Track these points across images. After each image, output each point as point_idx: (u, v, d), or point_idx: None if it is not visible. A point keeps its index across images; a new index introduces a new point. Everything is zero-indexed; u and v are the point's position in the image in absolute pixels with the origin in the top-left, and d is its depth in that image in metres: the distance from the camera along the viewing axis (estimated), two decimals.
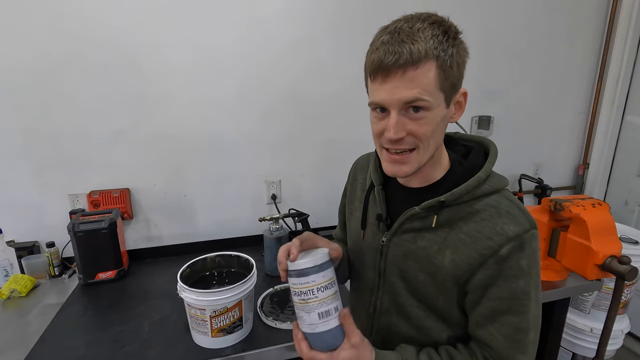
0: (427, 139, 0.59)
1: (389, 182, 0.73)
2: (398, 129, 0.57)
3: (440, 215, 0.63)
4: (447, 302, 0.66)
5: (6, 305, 1.23)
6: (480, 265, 0.60)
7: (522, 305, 0.60)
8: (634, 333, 2.09)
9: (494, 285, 0.60)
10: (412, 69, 0.54)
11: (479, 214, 0.62)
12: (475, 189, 0.62)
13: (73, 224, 1.26)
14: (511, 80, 1.93)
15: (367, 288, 0.77)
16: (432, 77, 0.55)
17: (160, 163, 1.50)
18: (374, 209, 0.74)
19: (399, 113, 0.57)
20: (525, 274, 0.60)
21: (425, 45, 0.53)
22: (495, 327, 0.62)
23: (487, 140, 0.70)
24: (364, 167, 0.82)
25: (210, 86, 1.48)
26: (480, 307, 0.63)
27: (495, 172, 0.66)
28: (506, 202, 0.63)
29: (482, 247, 0.60)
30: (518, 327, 0.61)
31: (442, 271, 0.64)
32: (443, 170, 0.67)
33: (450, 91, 0.58)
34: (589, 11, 1.98)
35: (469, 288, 0.63)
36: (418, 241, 0.66)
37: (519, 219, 0.60)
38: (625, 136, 2.13)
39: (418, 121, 0.57)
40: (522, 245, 0.59)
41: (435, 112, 0.57)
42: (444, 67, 0.55)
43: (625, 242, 1.49)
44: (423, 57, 0.54)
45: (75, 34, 1.30)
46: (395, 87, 0.56)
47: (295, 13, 1.51)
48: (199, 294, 0.91)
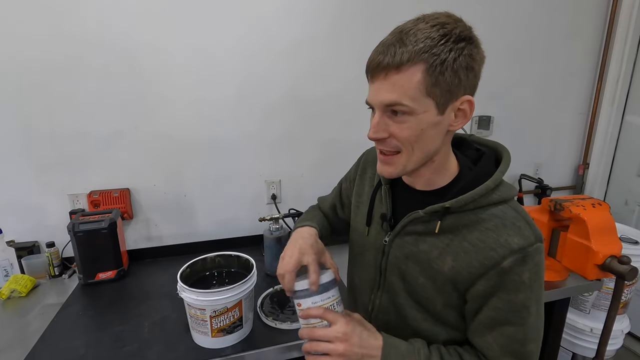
0: (409, 144, 0.58)
1: (396, 182, 0.73)
2: (378, 129, 0.59)
3: (444, 221, 0.63)
4: (445, 306, 0.66)
5: (6, 305, 1.22)
6: (481, 276, 0.60)
7: (520, 317, 0.60)
8: (634, 333, 2.09)
9: (494, 295, 0.60)
10: (394, 72, 0.54)
11: (484, 223, 0.61)
12: (482, 198, 0.61)
13: (73, 224, 1.26)
14: (511, 80, 1.93)
15: (367, 286, 0.77)
16: (415, 82, 0.53)
17: (160, 163, 1.50)
18: (379, 207, 0.74)
19: (383, 114, 0.58)
20: (526, 287, 0.59)
21: (413, 49, 0.52)
22: (493, 337, 0.62)
23: (501, 147, 0.68)
24: (374, 161, 0.80)
25: (210, 86, 1.48)
26: (479, 316, 0.63)
27: (506, 181, 0.65)
28: (513, 214, 0.61)
29: (484, 258, 0.59)
30: (514, 337, 0.61)
31: (441, 276, 0.64)
32: (451, 176, 0.66)
33: (445, 97, 0.55)
34: (589, 11, 1.98)
35: (468, 297, 0.63)
36: (420, 244, 0.66)
37: (525, 231, 0.59)
38: (625, 136, 2.13)
39: (400, 125, 0.57)
40: (525, 258, 0.58)
41: (420, 118, 0.56)
42: (432, 72, 0.53)
43: (625, 242, 1.49)
44: (406, 62, 0.53)
45: (76, 35, 1.30)
46: (378, 89, 0.56)
47: (296, 13, 1.51)
48: (199, 294, 0.91)
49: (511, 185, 0.65)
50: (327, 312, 0.65)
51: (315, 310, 0.65)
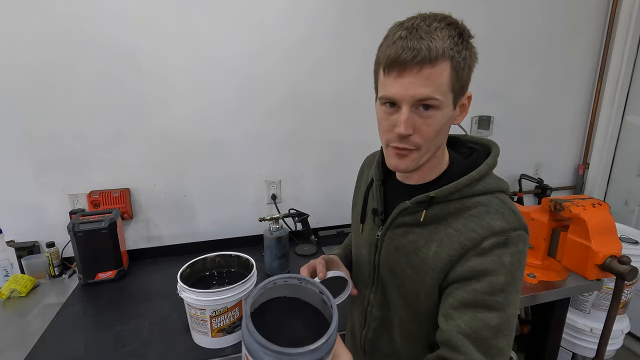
0: (430, 139, 0.59)
1: (388, 179, 0.74)
2: (408, 125, 0.57)
3: (429, 211, 0.63)
4: (427, 302, 0.65)
5: (6, 305, 1.23)
6: (461, 257, 0.59)
7: (497, 303, 0.57)
8: (634, 333, 2.09)
9: (472, 278, 0.58)
10: (429, 66, 0.54)
11: (469, 210, 0.61)
12: (467, 188, 0.62)
13: (73, 224, 1.26)
14: (511, 80, 1.93)
15: (363, 282, 0.78)
16: (446, 77, 0.55)
17: (160, 163, 1.50)
18: (372, 203, 0.75)
19: (410, 109, 0.57)
20: (506, 271, 0.57)
21: (443, 45, 0.53)
22: (464, 320, 0.58)
23: (492, 143, 0.69)
24: (371, 164, 0.83)
25: (210, 86, 1.48)
26: (451, 299, 0.60)
27: (496, 175, 0.65)
28: (498, 202, 0.62)
29: (465, 239, 0.59)
30: (488, 323, 0.57)
31: (425, 264, 0.63)
32: (441, 170, 0.67)
33: (459, 93, 0.58)
34: (589, 11, 1.98)
35: (447, 283, 0.61)
36: (409, 236, 0.67)
37: (508, 217, 0.60)
38: (625, 136, 2.13)
39: (427, 119, 0.57)
40: (507, 241, 0.58)
41: (444, 112, 0.57)
42: (457, 68, 0.55)
43: (625, 242, 1.49)
44: (440, 56, 0.53)
45: (76, 36, 1.30)
46: (410, 83, 0.55)
47: (298, 14, 1.51)
48: (199, 294, 0.91)
49: (500, 178, 0.65)
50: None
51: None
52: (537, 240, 1.33)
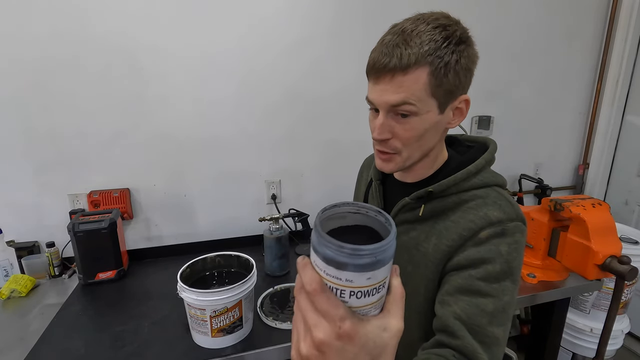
0: (410, 144, 0.60)
1: (387, 178, 0.75)
2: (382, 130, 0.59)
3: (428, 206, 0.64)
4: (427, 300, 0.65)
5: (6, 305, 1.23)
6: (459, 247, 0.60)
7: (494, 289, 0.56)
8: (634, 333, 2.09)
9: (469, 267, 0.58)
10: (401, 74, 0.54)
11: (466, 203, 0.62)
12: (464, 182, 0.62)
13: (73, 224, 1.26)
14: (511, 80, 1.93)
15: None
16: (422, 84, 0.55)
17: (160, 163, 1.50)
18: (372, 203, 0.76)
19: (387, 115, 0.58)
20: (503, 260, 0.57)
21: (418, 51, 0.53)
22: (460, 305, 0.56)
23: (489, 140, 0.70)
24: (369, 165, 0.84)
25: (210, 86, 1.48)
26: (448, 286, 0.60)
27: (493, 170, 0.66)
28: (495, 194, 0.62)
29: (463, 229, 0.60)
30: (484, 309, 0.55)
31: (425, 258, 0.64)
32: (437, 166, 0.68)
33: (446, 97, 0.58)
34: (589, 11, 1.98)
35: (444, 272, 0.61)
36: (410, 233, 0.67)
37: (506, 208, 0.60)
38: (625, 136, 2.13)
39: (404, 125, 0.58)
40: (504, 232, 0.58)
41: (424, 118, 0.57)
42: (437, 74, 0.54)
43: (625, 242, 1.49)
44: (413, 64, 0.53)
45: (76, 35, 1.30)
46: (384, 89, 0.56)
47: (297, 13, 1.51)
48: (199, 294, 0.91)
49: (497, 173, 0.66)
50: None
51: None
52: (537, 240, 1.33)
